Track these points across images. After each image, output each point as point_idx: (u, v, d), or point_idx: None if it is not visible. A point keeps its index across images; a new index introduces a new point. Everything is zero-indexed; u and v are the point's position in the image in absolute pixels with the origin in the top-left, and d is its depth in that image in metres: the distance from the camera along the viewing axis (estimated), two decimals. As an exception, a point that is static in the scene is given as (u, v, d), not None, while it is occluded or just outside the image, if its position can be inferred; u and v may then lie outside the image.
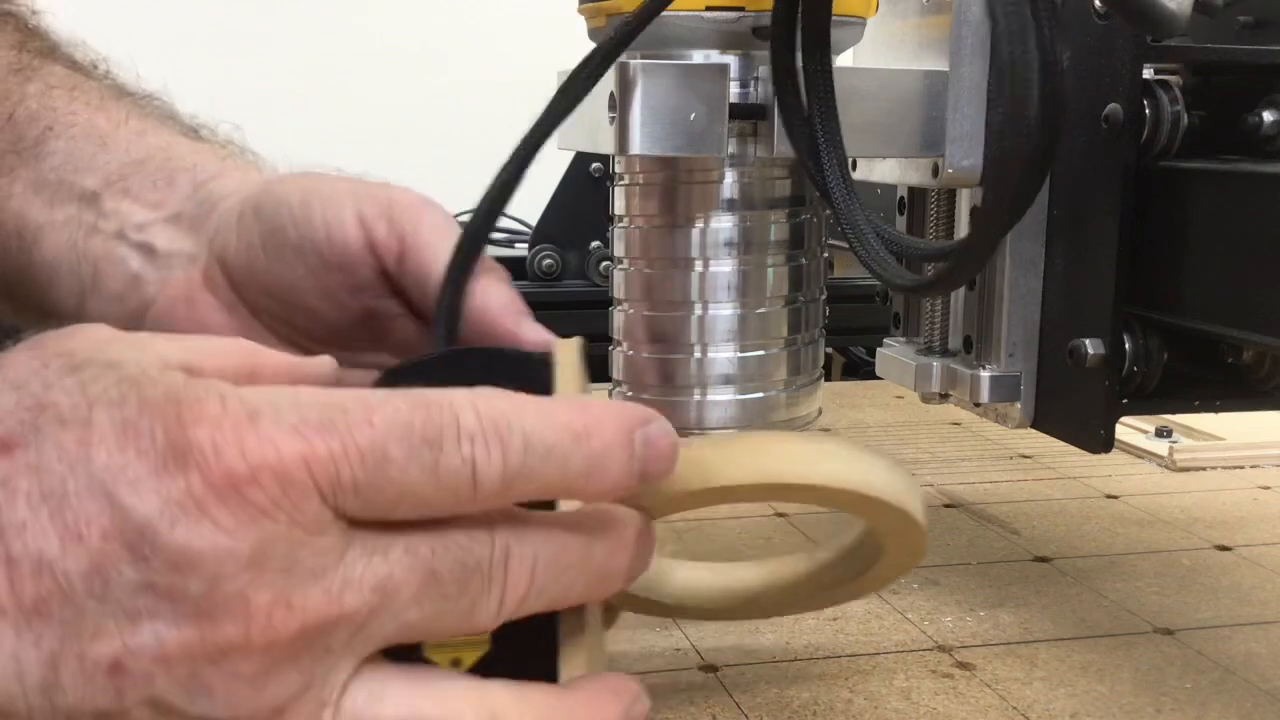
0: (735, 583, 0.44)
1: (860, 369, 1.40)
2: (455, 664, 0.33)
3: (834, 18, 0.50)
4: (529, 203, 1.18)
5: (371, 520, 0.29)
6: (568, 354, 0.36)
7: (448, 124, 1.86)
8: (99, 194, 0.47)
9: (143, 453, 0.28)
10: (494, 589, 0.31)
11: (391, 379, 0.34)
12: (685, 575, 0.45)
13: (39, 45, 0.53)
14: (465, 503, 0.30)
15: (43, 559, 0.27)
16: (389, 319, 0.44)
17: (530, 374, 0.35)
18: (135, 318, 0.46)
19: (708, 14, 0.49)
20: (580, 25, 0.53)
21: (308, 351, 0.41)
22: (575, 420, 0.30)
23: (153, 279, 0.46)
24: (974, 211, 0.54)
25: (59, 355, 0.30)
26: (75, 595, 0.27)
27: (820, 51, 0.48)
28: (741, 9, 0.48)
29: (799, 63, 0.48)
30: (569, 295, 1.23)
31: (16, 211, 0.47)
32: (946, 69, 0.50)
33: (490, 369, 0.34)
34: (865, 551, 0.41)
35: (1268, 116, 0.46)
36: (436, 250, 0.42)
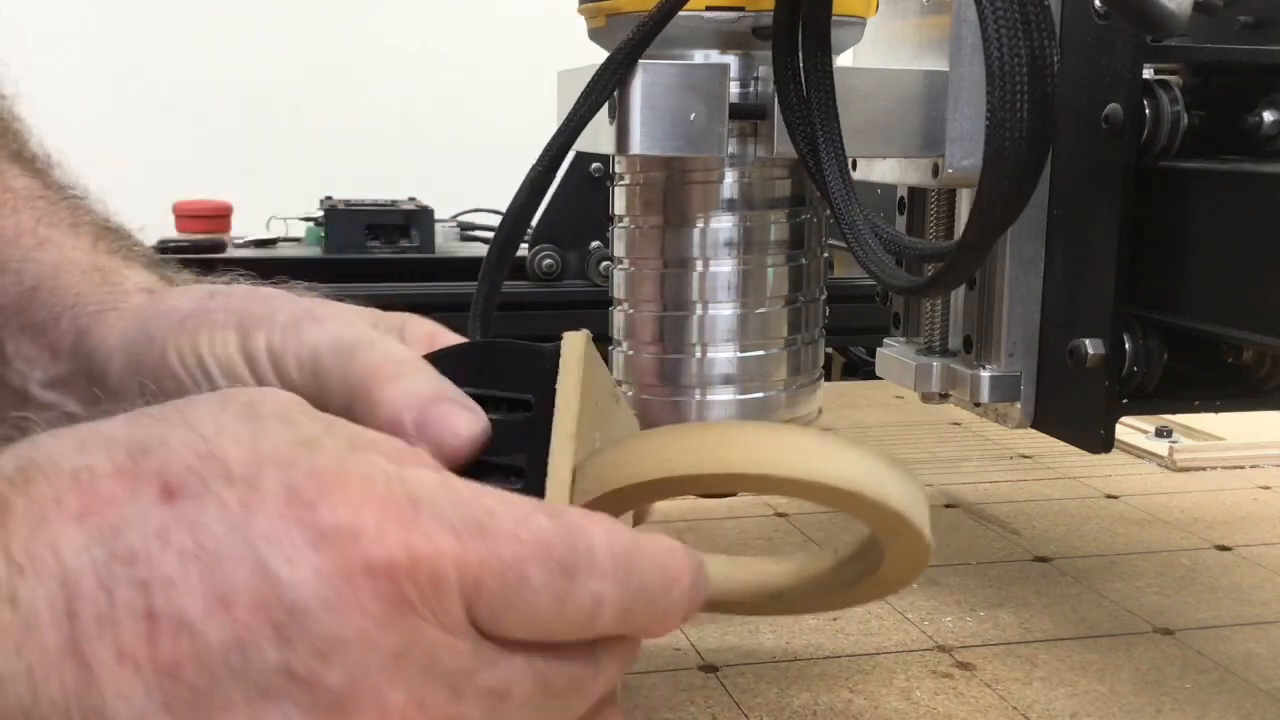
0: (761, 576, 0.44)
1: (860, 369, 1.40)
2: None
3: (834, 18, 0.50)
4: (529, 203, 1.18)
5: (490, 633, 0.29)
6: (573, 347, 0.37)
7: (448, 124, 1.86)
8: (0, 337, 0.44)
9: (303, 525, 0.27)
10: (589, 698, 0.32)
11: (432, 361, 0.37)
12: (713, 569, 0.45)
13: None
14: (578, 632, 0.30)
15: (185, 620, 0.26)
16: None
17: (540, 366, 0.37)
18: None
19: (708, 14, 0.49)
20: (580, 25, 0.53)
21: None
22: (670, 565, 0.32)
23: None
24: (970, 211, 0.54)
25: (240, 404, 0.30)
26: (212, 664, 0.26)
27: (821, 51, 0.48)
28: (741, 9, 0.49)
29: (800, 62, 0.48)
30: (569, 295, 1.23)
31: None
32: (946, 69, 0.50)
33: (508, 360, 0.37)
34: (875, 549, 0.42)
35: (1268, 116, 0.46)
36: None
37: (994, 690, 0.50)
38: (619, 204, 0.54)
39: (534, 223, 1.27)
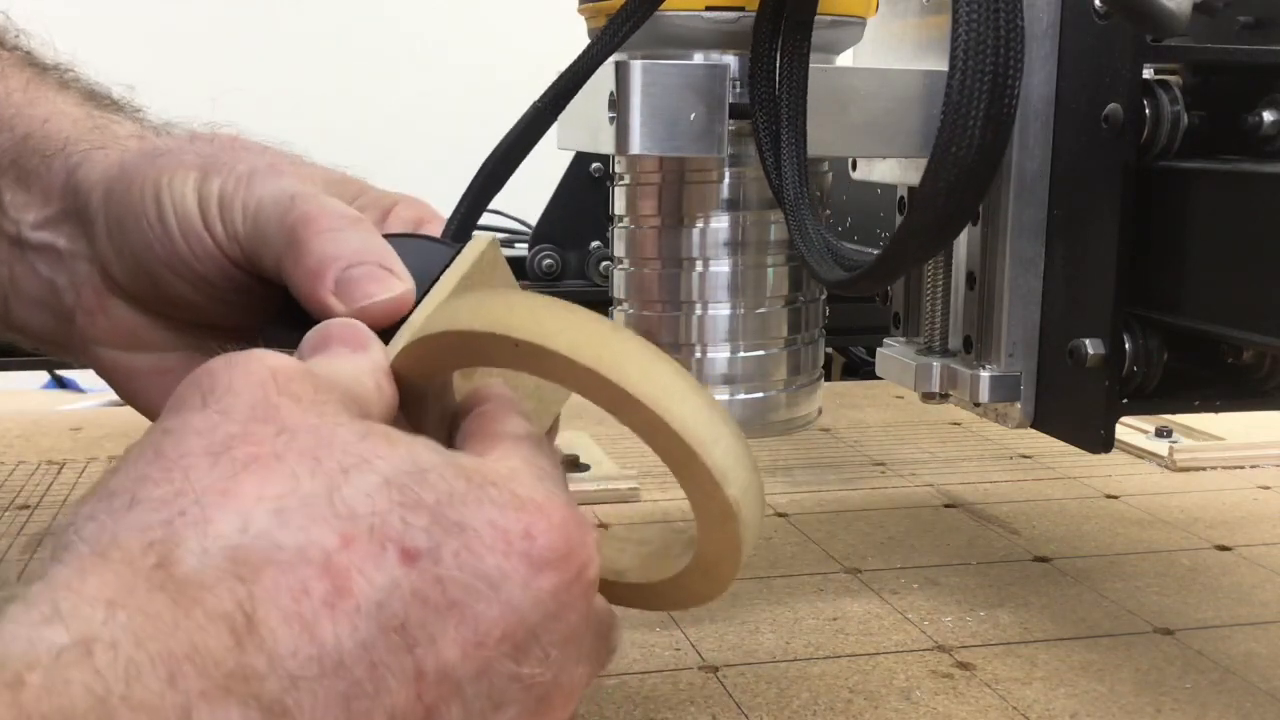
0: (614, 553, 0.41)
1: (860, 369, 1.40)
2: None
3: (834, 18, 0.50)
4: (529, 203, 1.18)
5: None
6: (473, 247, 0.40)
7: (448, 124, 1.86)
8: None
9: (525, 555, 0.29)
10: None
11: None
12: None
13: None
14: None
15: (447, 669, 0.28)
16: (255, 292, 0.42)
17: (446, 259, 0.40)
18: (65, 323, 0.45)
19: (708, 14, 0.49)
20: (580, 25, 0.53)
21: (218, 340, 0.40)
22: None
23: (65, 284, 0.45)
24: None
25: (354, 435, 0.30)
26: (464, 694, 0.28)
27: (799, 49, 0.48)
28: (741, 9, 0.49)
29: (777, 59, 0.48)
30: (569, 295, 1.22)
31: None
32: (946, 69, 0.50)
33: (424, 252, 0.40)
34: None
35: (1268, 116, 0.46)
36: (279, 230, 0.40)
37: (994, 690, 0.50)
38: (619, 204, 0.54)
39: (534, 223, 1.27)
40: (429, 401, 0.37)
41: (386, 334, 0.37)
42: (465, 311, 0.35)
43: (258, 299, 0.42)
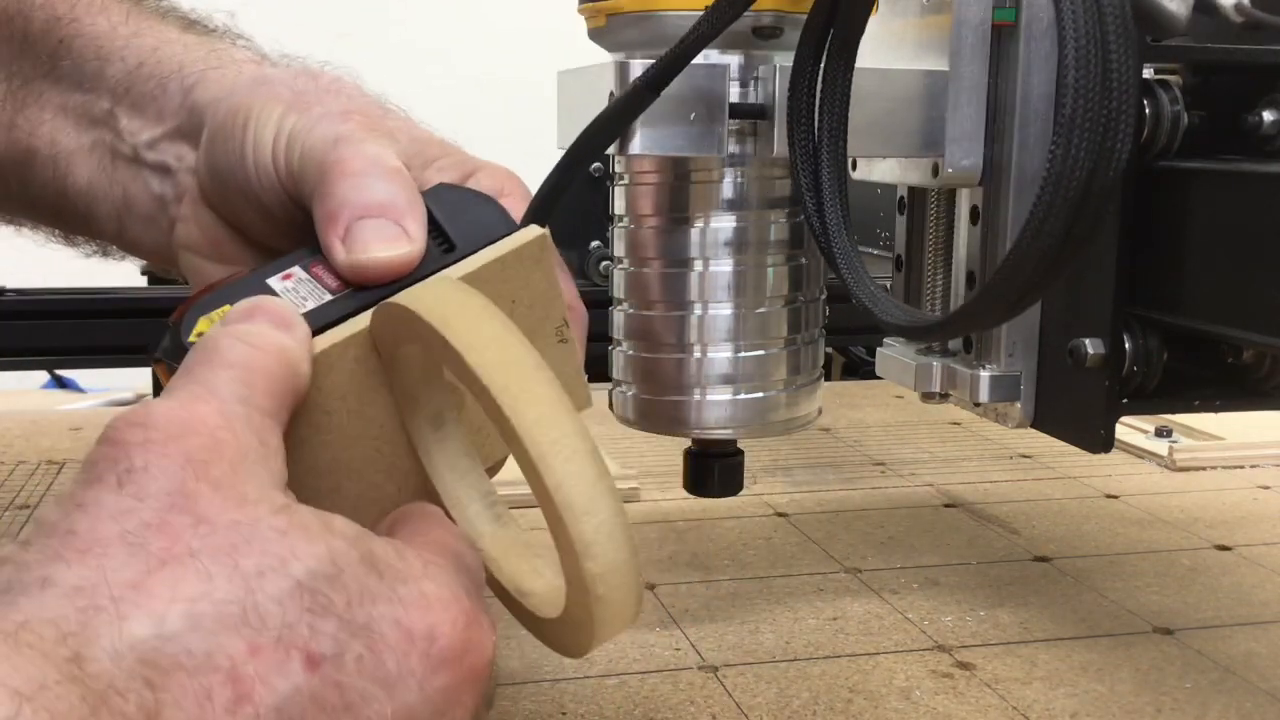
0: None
1: (860, 369, 1.40)
2: None
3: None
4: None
5: None
6: (523, 236, 0.39)
7: (448, 124, 1.86)
8: (113, 111, 0.47)
9: (421, 654, 0.30)
10: None
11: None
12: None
13: None
14: None
15: None
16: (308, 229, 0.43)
17: (495, 231, 0.39)
18: (167, 235, 0.47)
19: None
20: (580, 25, 0.53)
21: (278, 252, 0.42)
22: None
23: (171, 196, 0.47)
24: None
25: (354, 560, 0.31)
26: None
27: (843, 68, 0.47)
28: (741, 9, 0.48)
29: (819, 78, 0.47)
30: (569, 295, 1.23)
31: (48, 138, 0.48)
32: (946, 69, 0.50)
33: (476, 210, 0.40)
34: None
35: (1268, 116, 0.46)
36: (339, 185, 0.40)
37: (994, 690, 0.50)
38: (619, 204, 0.54)
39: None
40: (414, 367, 0.37)
41: (391, 288, 0.37)
42: (428, 295, 0.35)
43: (311, 236, 0.42)
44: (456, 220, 0.39)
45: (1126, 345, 0.48)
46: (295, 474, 0.34)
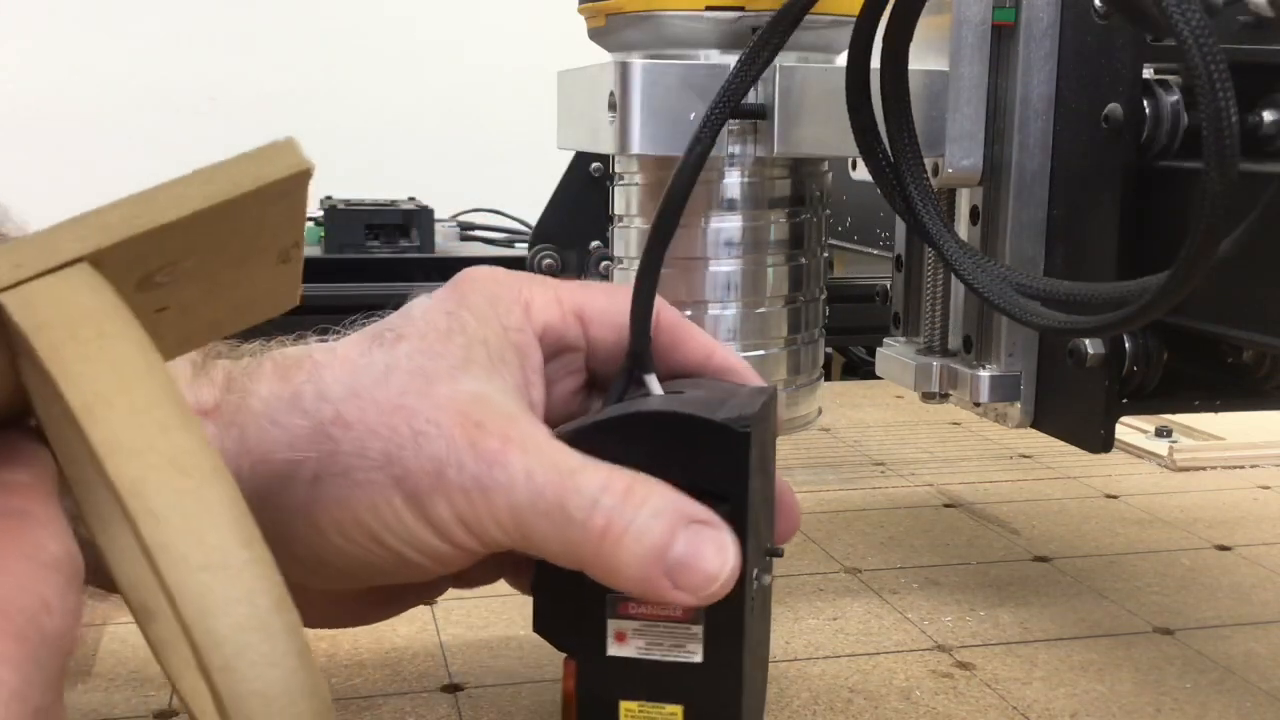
0: None
1: (860, 369, 1.40)
2: None
3: (834, 17, 0.50)
4: (528, 203, 1.18)
5: None
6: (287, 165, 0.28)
7: (448, 124, 1.86)
8: None
9: None
10: None
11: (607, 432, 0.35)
12: None
13: None
14: None
15: None
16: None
17: (727, 455, 0.34)
18: None
19: (708, 14, 0.49)
20: (580, 25, 0.53)
21: None
22: None
23: None
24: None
25: None
26: None
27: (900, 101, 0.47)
28: (741, 9, 0.49)
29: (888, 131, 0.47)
30: (569, 295, 1.22)
31: None
32: (946, 69, 0.50)
33: (691, 438, 0.35)
34: None
35: (1268, 116, 0.45)
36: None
37: (994, 690, 0.50)
38: (619, 204, 0.54)
39: (534, 222, 1.27)
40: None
41: None
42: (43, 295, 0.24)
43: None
44: (677, 454, 0.35)
45: (1126, 345, 0.48)
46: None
